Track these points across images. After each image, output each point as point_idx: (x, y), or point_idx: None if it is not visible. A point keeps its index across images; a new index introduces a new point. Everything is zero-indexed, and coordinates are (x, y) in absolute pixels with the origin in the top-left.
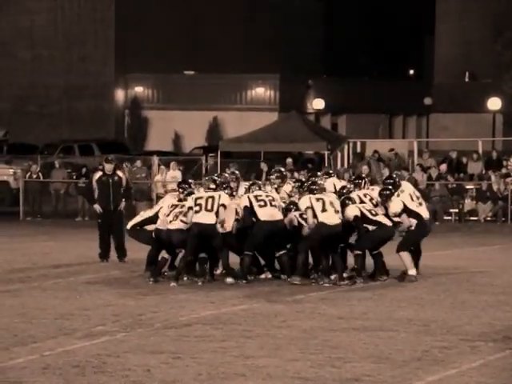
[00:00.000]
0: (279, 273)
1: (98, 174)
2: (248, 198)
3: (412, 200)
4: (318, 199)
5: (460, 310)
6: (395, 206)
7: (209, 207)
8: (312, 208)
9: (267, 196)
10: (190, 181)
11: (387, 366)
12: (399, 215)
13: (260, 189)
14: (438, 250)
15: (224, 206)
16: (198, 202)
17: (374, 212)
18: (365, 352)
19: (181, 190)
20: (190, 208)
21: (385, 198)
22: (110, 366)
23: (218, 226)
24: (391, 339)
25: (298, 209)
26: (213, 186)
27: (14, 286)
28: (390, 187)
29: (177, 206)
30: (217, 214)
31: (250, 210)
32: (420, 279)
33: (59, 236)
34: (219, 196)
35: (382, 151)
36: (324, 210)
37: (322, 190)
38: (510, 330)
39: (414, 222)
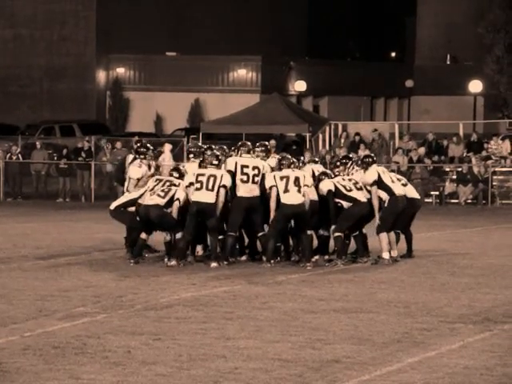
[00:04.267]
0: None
1: (131, 157)
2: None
3: (388, 178)
4: (282, 177)
5: (440, 292)
6: (370, 175)
7: (210, 186)
8: (276, 186)
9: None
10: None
11: (367, 347)
12: (371, 185)
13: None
14: (419, 232)
15: (225, 187)
16: (200, 178)
17: (348, 187)
18: (345, 334)
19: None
20: (191, 184)
21: (365, 165)
22: (90, 347)
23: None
24: (371, 321)
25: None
26: (215, 162)
27: None
28: (372, 156)
29: (160, 181)
30: (217, 194)
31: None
32: (401, 261)
33: (40, 217)
34: (221, 176)
35: (364, 133)
36: (286, 190)
37: (291, 164)
38: (489, 312)
39: (384, 196)
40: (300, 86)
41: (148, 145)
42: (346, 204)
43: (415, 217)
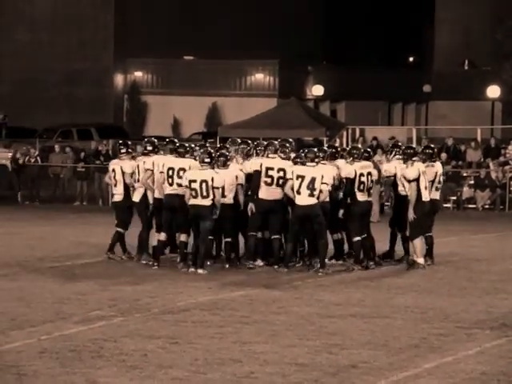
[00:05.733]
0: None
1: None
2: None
3: (424, 181)
4: (298, 176)
5: (457, 298)
6: (412, 171)
7: (204, 193)
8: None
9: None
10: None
11: (384, 352)
12: (409, 181)
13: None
14: (437, 237)
15: (217, 188)
16: (193, 186)
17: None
18: (362, 339)
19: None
20: (187, 187)
21: (406, 156)
22: (107, 350)
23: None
24: (388, 326)
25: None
26: (207, 159)
27: (11, 270)
28: (414, 148)
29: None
30: (213, 197)
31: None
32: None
33: (57, 220)
34: (212, 179)
35: (381, 138)
36: (298, 191)
37: (311, 159)
38: (506, 318)
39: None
40: (317, 90)
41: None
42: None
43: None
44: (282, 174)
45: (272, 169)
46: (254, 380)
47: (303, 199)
